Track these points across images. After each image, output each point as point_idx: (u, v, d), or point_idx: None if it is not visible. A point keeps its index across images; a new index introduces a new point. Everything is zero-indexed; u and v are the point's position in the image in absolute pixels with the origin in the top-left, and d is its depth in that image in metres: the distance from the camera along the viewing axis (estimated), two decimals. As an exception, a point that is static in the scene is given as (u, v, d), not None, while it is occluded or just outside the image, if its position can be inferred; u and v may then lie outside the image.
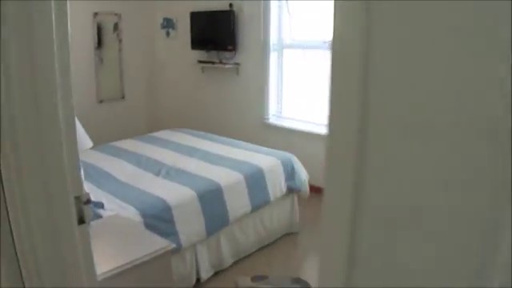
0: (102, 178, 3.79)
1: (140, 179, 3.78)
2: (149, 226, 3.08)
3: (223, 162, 4.19)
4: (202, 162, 4.21)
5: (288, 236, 4.52)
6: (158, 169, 4.02)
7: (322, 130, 5.42)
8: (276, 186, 4.20)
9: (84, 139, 2.67)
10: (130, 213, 3.10)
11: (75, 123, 1.85)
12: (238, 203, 3.83)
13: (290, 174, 4.36)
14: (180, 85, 7.15)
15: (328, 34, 4.92)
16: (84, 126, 6.38)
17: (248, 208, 3.92)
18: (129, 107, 7.41)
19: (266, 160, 4.29)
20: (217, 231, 3.67)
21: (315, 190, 4.61)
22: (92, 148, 4.83)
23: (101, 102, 7.09)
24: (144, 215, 3.13)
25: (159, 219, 3.22)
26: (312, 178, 4.61)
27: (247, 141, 5.35)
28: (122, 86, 7.32)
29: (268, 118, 6.03)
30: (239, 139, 5.30)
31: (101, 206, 3.12)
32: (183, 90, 7.12)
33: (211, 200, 3.61)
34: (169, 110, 7.43)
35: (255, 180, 4.01)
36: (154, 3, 7.14)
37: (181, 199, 3.43)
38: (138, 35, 7.30)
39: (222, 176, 3.86)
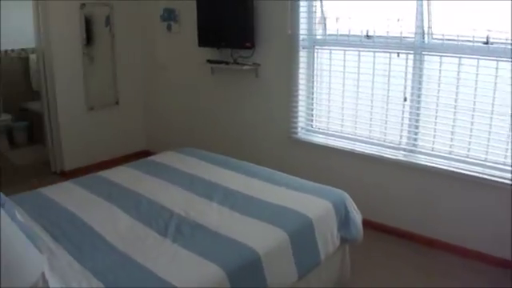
0: (86, 242, 2.63)
1: (140, 243, 2.61)
2: None
3: (257, 209, 3.01)
4: (225, 208, 3.04)
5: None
6: (165, 223, 2.84)
7: (365, 147, 4.35)
8: (328, 240, 3.04)
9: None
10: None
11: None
12: (281, 274, 2.67)
13: (344, 220, 3.21)
14: (185, 89, 5.96)
15: (372, 28, 3.68)
16: (71, 137, 5.35)
17: (294, 277, 2.77)
18: (124, 115, 6.32)
19: (315, 204, 3.12)
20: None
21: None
22: (73, 181, 3.72)
23: (91, 109, 5.98)
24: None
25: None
26: (361, 211, 3.47)
27: (269, 161, 4.37)
28: (116, 89, 6.21)
29: (296, 133, 4.87)
30: (260, 159, 4.33)
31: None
32: (189, 95, 5.93)
33: (246, 278, 2.45)
34: (171, 118, 6.25)
35: (303, 237, 2.85)
36: (152, -9, 5.97)
37: (204, 283, 2.27)
38: (134, 29, 6.20)
39: (260, 237, 2.68)
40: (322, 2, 4.51)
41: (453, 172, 3.91)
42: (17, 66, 7.33)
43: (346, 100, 4.55)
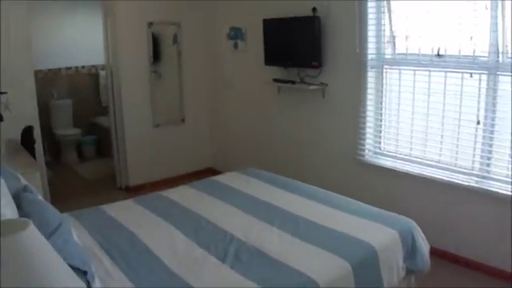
0: (142, 263, 2.59)
1: (197, 268, 2.55)
2: None
3: (319, 236, 2.90)
4: (286, 234, 2.94)
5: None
6: (224, 247, 2.78)
7: (435, 171, 4.15)
8: (393, 271, 2.89)
9: None
10: None
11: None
12: (341, 306, 2.56)
13: (411, 250, 3.04)
14: (250, 108, 5.94)
15: (443, 47, 3.41)
16: (137, 153, 5.42)
17: (355, 310, 2.64)
18: (189, 133, 6.34)
19: (380, 233, 2.97)
20: None
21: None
22: (134, 199, 3.72)
23: (157, 126, 6.03)
24: None
25: None
26: (428, 239, 3.28)
27: (333, 183, 4.28)
28: (182, 107, 6.24)
29: (363, 155, 4.71)
30: (323, 181, 4.25)
31: None
32: (254, 114, 5.90)
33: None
34: (236, 137, 6.24)
35: (367, 269, 2.71)
36: (219, 10, 5.99)
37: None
38: (201, 47, 6.22)
39: (321, 267, 2.56)
40: (390, 21, 4.37)
41: (530, 201, 3.68)
42: (87, 83, 7.55)
43: (415, 122, 4.37)
